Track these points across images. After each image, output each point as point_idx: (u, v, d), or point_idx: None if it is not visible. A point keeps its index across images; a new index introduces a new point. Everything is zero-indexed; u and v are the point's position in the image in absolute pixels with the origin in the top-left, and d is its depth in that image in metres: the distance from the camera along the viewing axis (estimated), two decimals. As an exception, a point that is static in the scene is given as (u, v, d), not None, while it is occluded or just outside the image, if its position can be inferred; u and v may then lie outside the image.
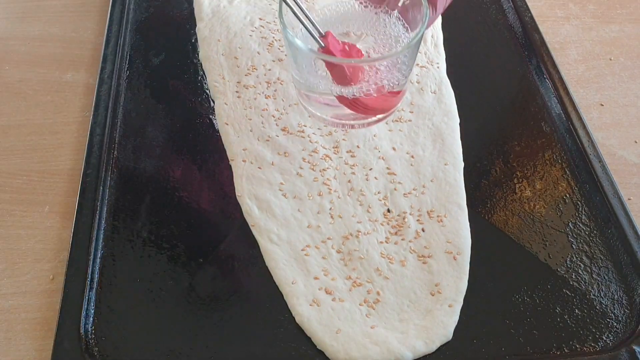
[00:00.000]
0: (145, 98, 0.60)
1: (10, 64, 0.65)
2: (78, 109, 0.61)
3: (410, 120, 0.58)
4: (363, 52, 0.50)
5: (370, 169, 0.54)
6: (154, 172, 0.54)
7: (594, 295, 0.47)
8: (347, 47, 0.49)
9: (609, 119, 0.61)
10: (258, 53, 0.63)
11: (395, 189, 0.52)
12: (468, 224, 0.50)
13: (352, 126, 0.53)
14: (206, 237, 0.50)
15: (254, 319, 0.45)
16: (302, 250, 0.48)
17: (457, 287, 0.46)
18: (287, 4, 0.48)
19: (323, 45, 0.48)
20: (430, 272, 0.47)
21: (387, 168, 0.54)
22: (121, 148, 0.56)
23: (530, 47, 0.65)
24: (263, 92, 0.59)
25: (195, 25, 0.67)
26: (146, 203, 0.52)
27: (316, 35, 0.48)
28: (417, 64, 0.62)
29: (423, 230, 0.50)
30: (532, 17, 0.68)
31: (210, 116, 0.58)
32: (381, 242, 0.49)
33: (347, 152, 0.55)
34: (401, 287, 0.47)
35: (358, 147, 0.55)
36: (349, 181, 0.53)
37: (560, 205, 0.53)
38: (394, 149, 0.55)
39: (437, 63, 0.63)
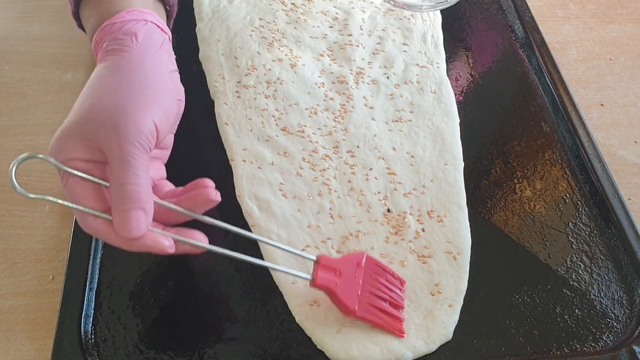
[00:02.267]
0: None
1: (10, 64, 0.65)
2: (78, 109, 0.61)
3: (410, 120, 0.58)
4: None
5: (370, 169, 0.54)
6: (154, 172, 0.54)
7: (594, 295, 0.47)
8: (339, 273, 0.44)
9: (609, 119, 0.61)
10: (258, 53, 0.63)
11: (395, 189, 0.52)
12: (468, 224, 0.50)
13: None
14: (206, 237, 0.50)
15: (254, 319, 0.45)
16: (302, 250, 0.48)
17: (457, 287, 0.46)
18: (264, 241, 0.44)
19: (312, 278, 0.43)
20: (430, 272, 0.47)
21: (387, 168, 0.54)
22: (121, 148, 0.56)
23: (530, 47, 0.65)
24: (263, 92, 0.59)
25: (195, 25, 0.67)
26: (146, 203, 0.52)
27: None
28: (417, 64, 0.62)
29: (423, 230, 0.50)
30: (532, 17, 0.68)
31: (210, 116, 0.58)
32: (381, 242, 0.49)
33: (347, 152, 0.55)
34: (401, 287, 0.47)
35: (358, 147, 0.55)
36: (349, 181, 0.53)
37: (560, 205, 0.53)
38: (394, 149, 0.55)
39: (437, 63, 0.63)
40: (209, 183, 0.41)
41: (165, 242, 0.39)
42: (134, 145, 0.38)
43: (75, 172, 0.38)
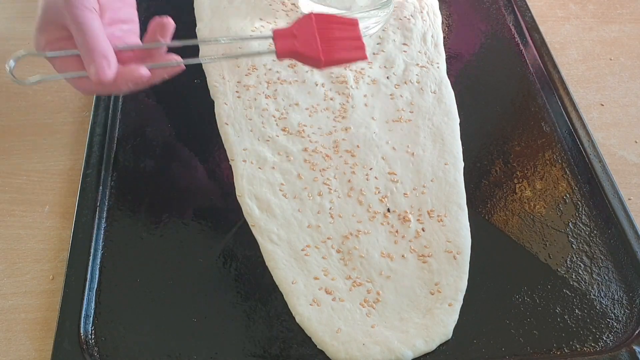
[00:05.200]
0: (145, 98, 0.60)
1: (10, 64, 0.65)
2: (78, 109, 0.61)
3: (410, 120, 0.58)
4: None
5: (370, 169, 0.54)
6: (154, 172, 0.54)
7: (594, 295, 0.47)
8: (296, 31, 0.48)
9: (609, 119, 0.61)
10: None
11: (395, 189, 0.52)
12: (468, 223, 0.50)
13: None
14: (206, 237, 0.50)
15: (254, 319, 0.45)
16: (302, 250, 0.48)
17: (457, 286, 0.46)
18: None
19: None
20: (430, 271, 0.47)
21: (387, 168, 0.54)
22: (121, 148, 0.56)
23: (530, 47, 0.65)
24: (263, 92, 0.59)
25: (195, 25, 0.67)
26: (146, 203, 0.52)
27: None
28: (417, 64, 0.62)
29: (423, 229, 0.50)
30: (532, 17, 0.68)
31: (210, 116, 0.58)
32: (381, 242, 0.49)
33: (347, 152, 0.55)
34: (401, 287, 0.47)
35: (358, 146, 0.55)
36: (349, 181, 0.53)
37: (560, 205, 0.53)
38: (394, 148, 0.55)
39: (437, 63, 0.63)
40: (160, 18, 0.48)
41: (140, 70, 0.46)
42: (80, 8, 0.45)
43: (57, 53, 0.47)
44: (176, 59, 0.48)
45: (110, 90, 0.48)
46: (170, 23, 0.47)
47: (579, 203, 0.53)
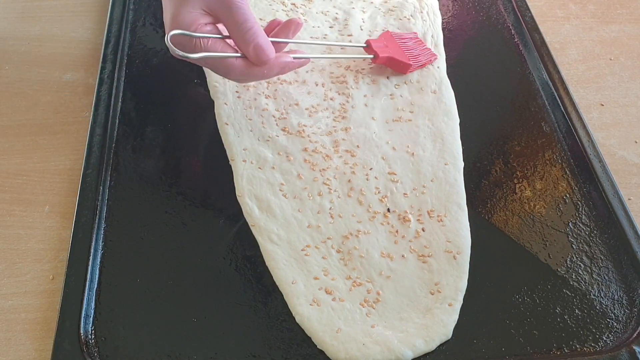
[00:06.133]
0: (145, 98, 0.60)
1: (10, 64, 0.65)
2: (78, 109, 0.61)
3: (410, 120, 0.58)
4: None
5: (370, 169, 0.54)
6: (154, 172, 0.54)
7: (594, 295, 0.47)
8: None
9: (609, 119, 0.61)
10: (258, 53, 0.63)
11: (395, 189, 0.52)
12: (468, 223, 0.50)
13: None
14: (206, 237, 0.50)
15: (254, 319, 0.45)
16: (302, 250, 0.48)
17: (457, 286, 0.46)
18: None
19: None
20: (430, 271, 0.47)
21: (387, 168, 0.54)
22: (121, 148, 0.56)
23: (530, 47, 0.65)
24: (263, 92, 0.59)
25: (195, 25, 0.67)
26: (146, 203, 0.52)
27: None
28: (417, 64, 0.63)
29: (423, 229, 0.50)
30: (532, 17, 0.68)
31: (210, 116, 0.58)
32: (381, 242, 0.49)
33: (347, 152, 0.55)
34: (401, 287, 0.47)
35: (358, 147, 0.55)
36: (349, 181, 0.53)
37: (560, 205, 0.53)
38: (394, 148, 0.55)
39: (437, 63, 0.63)
40: (280, 20, 0.54)
41: (288, 57, 0.52)
42: None
43: (209, 35, 0.49)
44: (303, 53, 0.55)
45: (258, 74, 0.51)
46: (301, 24, 0.54)
47: (579, 203, 0.53)
